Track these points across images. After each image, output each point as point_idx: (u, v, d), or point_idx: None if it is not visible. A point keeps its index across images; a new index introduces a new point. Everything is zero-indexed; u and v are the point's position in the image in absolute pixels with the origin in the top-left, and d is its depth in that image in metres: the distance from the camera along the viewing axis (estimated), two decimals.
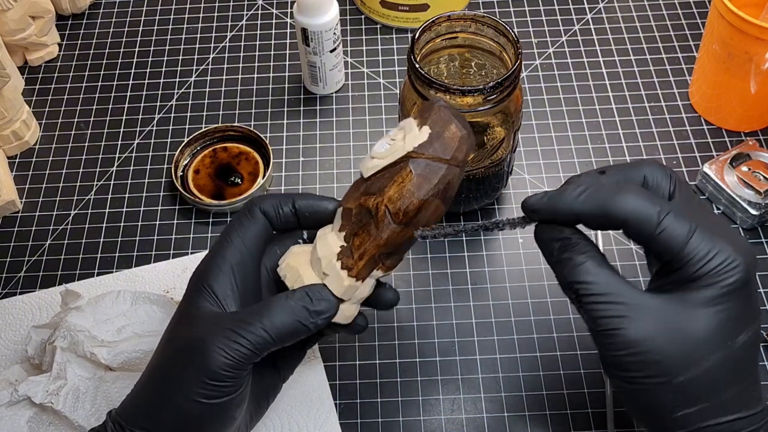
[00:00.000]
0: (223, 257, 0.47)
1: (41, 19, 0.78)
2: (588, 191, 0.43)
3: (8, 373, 0.56)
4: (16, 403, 0.52)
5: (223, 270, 0.47)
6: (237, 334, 0.43)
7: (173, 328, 0.47)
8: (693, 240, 0.41)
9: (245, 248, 0.48)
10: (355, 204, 0.46)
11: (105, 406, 0.54)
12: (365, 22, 0.83)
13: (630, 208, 0.42)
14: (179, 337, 0.46)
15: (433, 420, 0.57)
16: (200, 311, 0.46)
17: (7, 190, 0.69)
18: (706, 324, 0.41)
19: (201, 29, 0.83)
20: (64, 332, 0.54)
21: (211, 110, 0.76)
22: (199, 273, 0.47)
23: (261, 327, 0.44)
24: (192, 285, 0.47)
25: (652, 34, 0.80)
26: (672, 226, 0.42)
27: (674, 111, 0.74)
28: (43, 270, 0.66)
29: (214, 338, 0.43)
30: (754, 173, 0.65)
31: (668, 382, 0.41)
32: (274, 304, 0.45)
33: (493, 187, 0.64)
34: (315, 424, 0.56)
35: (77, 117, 0.77)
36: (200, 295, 0.46)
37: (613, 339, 0.42)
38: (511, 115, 0.59)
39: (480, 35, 0.59)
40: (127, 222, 0.69)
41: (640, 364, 0.41)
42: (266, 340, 0.44)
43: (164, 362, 0.46)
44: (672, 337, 0.41)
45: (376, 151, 0.46)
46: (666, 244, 0.42)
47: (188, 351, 0.44)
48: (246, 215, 0.49)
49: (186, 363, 0.44)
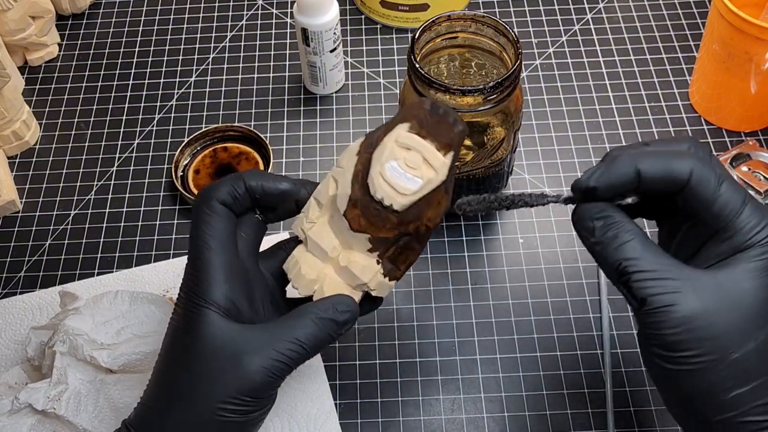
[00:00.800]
0: (210, 265, 0.45)
1: (41, 19, 0.78)
2: (647, 154, 0.42)
3: (8, 375, 0.56)
4: (17, 412, 0.52)
5: (216, 279, 0.45)
6: (276, 351, 0.44)
7: (186, 341, 0.45)
8: (747, 208, 0.41)
9: (224, 247, 0.46)
10: (392, 234, 0.46)
11: (107, 408, 0.54)
12: (365, 22, 0.83)
13: (694, 169, 0.41)
14: (204, 352, 0.44)
15: (433, 420, 0.57)
16: (216, 326, 0.45)
17: (7, 190, 0.69)
18: (760, 294, 0.40)
19: (201, 29, 0.83)
20: (62, 336, 0.53)
21: (211, 110, 0.76)
22: (193, 288, 0.45)
23: (298, 343, 0.44)
24: (189, 301, 0.45)
25: (652, 34, 0.80)
26: (728, 192, 0.41)
27: (674, 111, 0.74)
28: (43, 270, 0.66)
29: (252, 354, 0.44)
30: (754, 173, 0.65)
31: (724, 358, 0.40)
32: (305, 318, 0.45)
33: (493, 187, 0.64)
34: (315, 424, 0.56)
35: (77, 117, 0.77)
36: (204, 311, 0.45)
37: (666, 317, 0.40)
38: (511, 115, 0.59)
39: (480, 35, 0.59)
40: (127, 222, 0.69)
41: (696, 341, 0.40)
42: (303, 355, 0.45)
43: (185, 376, 0.44)
44: (727, 310, 0.40)
45: (407, 188, 0.44)
46: (721, 210, 0.41)
47: (221, 366, 0.44)
48: (206, 212, 0.47)
49: (219, 378, 0.44)
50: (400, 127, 0.45)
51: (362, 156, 0.45)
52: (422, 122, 0.45)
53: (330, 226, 0.47)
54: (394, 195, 0.44)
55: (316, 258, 0.47)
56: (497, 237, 0.66)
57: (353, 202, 0.45)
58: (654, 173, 0.42)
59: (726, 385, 0.40)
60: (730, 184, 0.42)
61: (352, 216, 0.45)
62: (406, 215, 0.45)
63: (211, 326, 0.44)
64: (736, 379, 0.40)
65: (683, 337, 0.40)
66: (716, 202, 0.41)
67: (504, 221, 0.67)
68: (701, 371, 0.41)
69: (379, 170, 0.44)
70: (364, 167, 0.45)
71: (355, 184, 0.45)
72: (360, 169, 0.45)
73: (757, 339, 0.40)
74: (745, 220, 0.41)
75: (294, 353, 0.44)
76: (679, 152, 0.43)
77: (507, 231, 0.66)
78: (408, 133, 0.45)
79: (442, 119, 0.45)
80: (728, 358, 0.40)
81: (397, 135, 0.45)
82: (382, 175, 0.44)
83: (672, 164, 0.42)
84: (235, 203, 0.47)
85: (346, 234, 0.46)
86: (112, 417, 0.54)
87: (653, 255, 0.42)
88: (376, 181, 0.44)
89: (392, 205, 0.44)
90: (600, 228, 0.43)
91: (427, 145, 0.45)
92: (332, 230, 0.47)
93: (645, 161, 0.42)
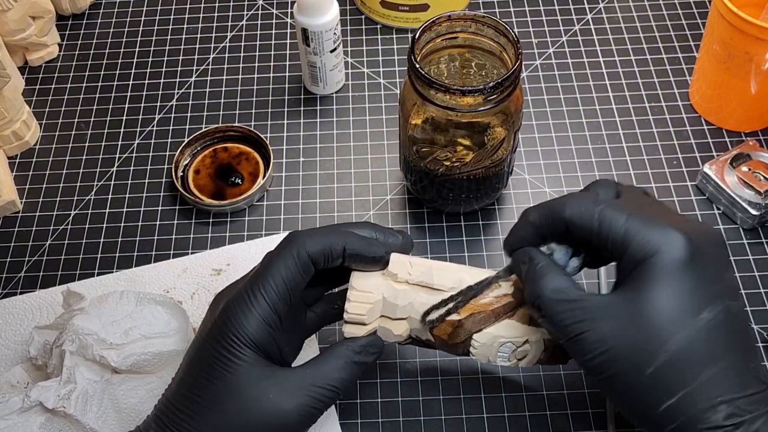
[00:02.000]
0: (266, 309, 0.46)
1: (41, 19, 0.78)
2: (539, 205, 0.48)
3: (10, 375, 0.56)
4: (28, 409, 0.52)
5: (269, 323, 0.46)
6: (311, 398, 0.46)
7: (219, 373, 0.45)
8: (628, 228, 0.43)
9: (288, 296, 0.47)
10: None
11: (111, 408, 0.54)
12: (365, 22, 0.83)
13: (571, 206, 0.45)
14: (238, 388, 0.45)
15: (433, 420, 0.57)
16: (254, 365, 0.46)
17: (7, 191, 0.69)
18: (656, 307, 0.42)
19: (201, 29, 0.83)
20: (72, 336, 0.53)
21: (211, 110, 0.76)
22: (238, 321, 0.46)
23: (332, 389, 0.47)
24: (226, 333, 0.46)
25: (652, 34, 0.80)
26: (609, 218, 0.44)
27: (674, 111, 0.74)
28: (43, 270, 0.66)
29: (290, 401, 0.45)
30: (755, 173, 0.65)
31: (642, 374, 0.41)
32: (339, 361, 0.48)
33: (494, 188, 0.64)
34: (315, 424, 0.55)
35: (77, 117, 0.77)
36: (245, 349, 0.46)
37: (582, 344, 0.43)
38: (512, 115, 0.59)
39: (480, 35, 0.59)
40: (127, 222, 0.69)
41: (611, 363, 0.42)
42: (335, 398, 0.48)
43: (224, 419, 0.45)
44: (631, 328, 0.42)
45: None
46: (605, 237, 0.44)
47: (260, 413, 0.45)
48: (293, 259, 0.47)
49: (252, 416, 0.45)
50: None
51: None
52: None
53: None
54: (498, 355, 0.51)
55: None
56: (497, 237, 0.66)
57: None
58: (541, 219, 0.47)
59: (655, 398, 0.42)
60: (612, 209, 0.44)
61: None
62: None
63: (248, 365, 0.45)
64: (662, 391, 0.42)
65: (599, 361, 0.43)
66: (599, 231, 0.44)
67: (504, 221, 0.67)
68: (627, 390, 0.43)
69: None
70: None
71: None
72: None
73: (668, 351, 0.41)
74: (628, 240, 0.43)
75: (327, 398, 0.47)
76: (566, 196, 0.47)
77: (507, 231, 0.66)
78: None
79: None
80: (647, 373, 0.41)
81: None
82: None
83: (552, 207, 0.47)
84: (324, 263, 0.48)
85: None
86: (115, 417, 0.54)
87: (565, 288, 0.45)
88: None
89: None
90: (524, 272, 0.47)
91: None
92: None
93: (533, 212, 0.48)
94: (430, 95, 0.56)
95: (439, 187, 0.63)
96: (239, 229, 0.67)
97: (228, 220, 0.68)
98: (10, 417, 0.52)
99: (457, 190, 0.63)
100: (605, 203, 0.45)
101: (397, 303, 0.50)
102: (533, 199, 0.68)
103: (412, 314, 0.50)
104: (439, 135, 0.59)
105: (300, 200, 0.69)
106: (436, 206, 0.66)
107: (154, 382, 0.56)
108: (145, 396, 0.55)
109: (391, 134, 0.73)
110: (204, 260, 0.64)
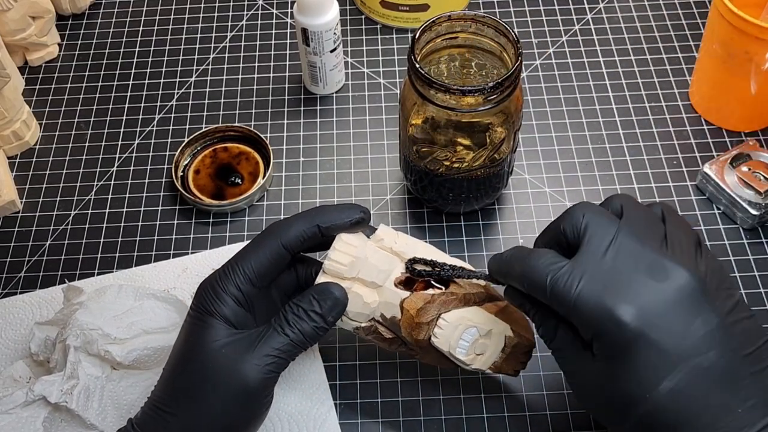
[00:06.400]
0: (234, 290, 0.49)
1: (41, 19, 0.78)
2: (501, 257, 0.47)
3: (12, 369, 0.56)
4: (31, 403, 0.53)
5: (231, 301, 0.49)
6: (270, 347, 0.47)
7: (190, 345, 0.48)
8: (576, 304, 0.42)
9: (257, 278, 0.49)
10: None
11: (110, 404, 0.54)
12: (365, 22, 0.83)
13: (526, 270, 0.45)
14: (206, 354, 0.47)
15: (433, 420, 0.57)
16: (218, 332, 0.48)
17: (7, 190, 0.69)
18: (614, 381, 0.42)
19: (201, 29, 0.83)
20: (76, 331, 0.54)
21: (211, 110, 0.76)
22: (208, 301, 0.48)
23: (287, 339, 0.48)
24: (199, 311, 0.49)
25: (652, 34, 0.80)
26: (558, 291, 0.43)
27: (674, 111, 0.74)
28: (43, 270, 0.66)
29: (245, 354, 0.47)
30: (755, 173, 0.65)
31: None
32: (289, 315, 0.49)
33: (494, 187, 0.64)
34: (315, 424, 0.56)
35: (77, 117, 0.77)
36: (210, 319, 0.48)
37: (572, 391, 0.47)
38: (512, 115, 0.59)
39: (480, 35, 0.59)
40: (127, 222, 0.69)
41: (594, 414, 0.47)
42: (294, 349, 0.48)
43: (190, 378, 0.47)
44: (598, 393, 0.44)
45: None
46: (558, 306, 0.44)
47: (220, 367, 0.47)
48: (266, 250, 0.50)
49: (219, 378, 0.46)
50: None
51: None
52: None
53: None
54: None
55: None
56: (497, 237, 0.66)
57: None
58: (509, 276, 0.47)
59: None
60: (561, 282, 0.43)
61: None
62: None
63: (213, 331, 0.47)
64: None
65: (589, 406, 0.46)
66: (551, 301, 0.44)
67: (504, 221, 0.67)
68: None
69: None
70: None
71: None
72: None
73: (630, 421, 0.42)
74: (574, 317, 0.43)
75: (284, 349, 0.48)
76: (530, 252, 0.46)
77: (507, 231, 0.66)
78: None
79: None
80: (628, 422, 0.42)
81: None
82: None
83: (511, 266, 0.46)
84: (300, 246, 0.50)
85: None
86: (114, 413, 0.54)
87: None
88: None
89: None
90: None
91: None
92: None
93: (493, 262, 0.48)
94: (430, 95, 0.56)
95: (439, 187, 0.63)
96: (239, 229, 0.67)
97: (228, 220, 0.68)
98: (14, 411, 0.53)
99: (457, 190, 0.63)
100: (559, 267, 0.43)
101: (377, 265, 0.50)
102: (533, 199, 0.68)
103: (387, 284, 0.50)
104: (439, 135, 0.59)
105: (300, 200, 0.69)
106: (436, 206, 0.66)
107: (152, 379, 0.56)
108: (143, 393, 0.55)
109: (391, 134, 0.73)
110: (204, 260, 0.64)
